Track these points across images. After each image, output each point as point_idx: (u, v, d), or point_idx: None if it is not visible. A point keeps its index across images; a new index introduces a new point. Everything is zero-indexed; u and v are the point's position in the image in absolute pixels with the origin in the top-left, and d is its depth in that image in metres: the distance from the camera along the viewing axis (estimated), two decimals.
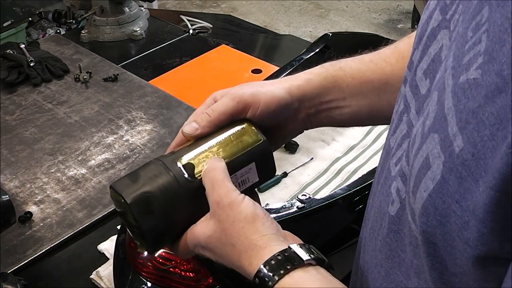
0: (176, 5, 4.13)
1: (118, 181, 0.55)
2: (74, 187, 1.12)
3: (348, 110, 0.64)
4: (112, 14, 1.69)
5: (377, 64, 0.65)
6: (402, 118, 0.48)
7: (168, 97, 1.40)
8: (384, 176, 0.50)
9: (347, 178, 1.13)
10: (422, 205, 0.36)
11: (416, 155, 0.38)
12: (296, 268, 0.48)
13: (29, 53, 1.49)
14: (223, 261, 0.52)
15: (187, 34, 1.73)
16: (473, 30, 0.35)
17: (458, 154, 0.33)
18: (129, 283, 0.83)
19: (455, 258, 0.35)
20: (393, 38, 1.99)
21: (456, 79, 0.35)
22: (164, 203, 0.53)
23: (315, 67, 0.66)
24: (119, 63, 1.57)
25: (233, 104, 0.59)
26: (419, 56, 0.46)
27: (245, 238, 0.50)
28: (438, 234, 0.35)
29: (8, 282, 0.81)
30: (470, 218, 0.32)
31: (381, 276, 0.49)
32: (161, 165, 0.56)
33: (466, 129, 0.33)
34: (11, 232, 1.00)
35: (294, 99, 0.62)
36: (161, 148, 1.22)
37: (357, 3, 4.18)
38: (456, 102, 0.34)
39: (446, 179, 0.34)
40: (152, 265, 0.80)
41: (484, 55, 0.33)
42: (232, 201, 0.52)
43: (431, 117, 0.37)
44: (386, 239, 0.48)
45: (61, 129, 1.29)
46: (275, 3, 4.17)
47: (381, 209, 0.50)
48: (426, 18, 0.46)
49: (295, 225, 0.88)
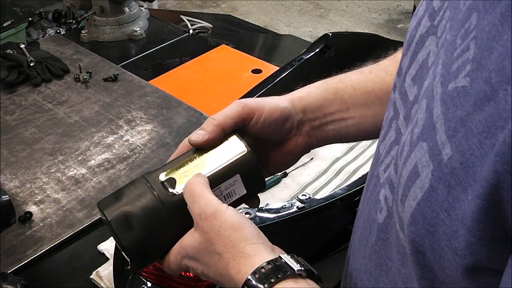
0: (176, 5, 4.14)
1: (103, 199, 0.56)
2: (74, 187, 1.12)
3: (352, 122, 0.63)
4: (112, 14, 1.69)
5: (377, 75, 0.65)
6: (391, 124, 0.48)
7: (168, 97, 1.40)
8: (373, 182, 0.50)
9: (347, 178, 1.13)
10: (410, 214, 0.36)
11: (405, 164, 0.37)
12: (287, 278, 0.46)
13: (29, 53, 1.49)
14: (210, 271, 0.51)
15: (187, 34, 1.73)
16: (462, 37, 0.35)
17: (447, 162, 0.33)
18: (129, 283, 0.83)
19: (444, 267, 0.34)
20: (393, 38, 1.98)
21: (444, 87, 0.34)
22: (145, 220, 0.54)
23: (315, 82, 0.65)
24: (119, 63, 1.57)
25: (238, 108, 0.59)
26: (408, 63, 0.46)
27: (233, 246, 0.49)
28: (427, 243, 0.35)
29: (8, 282, 0.81)
30: (458, 227, 0.32)
31: (370, 283, 0.48)
32: (144, 182, 0.56)
33: (454, 137, 0.32)
34: (11, 232, 1.00)
35: (298, 110, 0.62)
36: (161, 148, 1.22)
37: (357, 3, 4.18)
38: (445, 110, 0.34)
39: (435, 188, 0.34)
40: (152, 265, 0.80)
41: (473, 62, 0.32)
42: (216, 210, 0.51)
43: (419, 125, 0.37)
44: (375, 246, 0.47)
45: (61, 129, 1.29)
46: (275, 3, 4.17)
47: (370, 216, 0.49)
48: (415, 25, 0.46)
49: (295, 225, 0.88)
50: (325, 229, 0.95)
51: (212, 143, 0.57)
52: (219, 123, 0.58)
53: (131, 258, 0.55)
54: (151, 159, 1.19)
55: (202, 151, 0.58)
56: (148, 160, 1.19)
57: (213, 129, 0.57)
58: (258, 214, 0.85)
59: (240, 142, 0.58)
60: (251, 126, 0.60)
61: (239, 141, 0.58)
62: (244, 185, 0.57)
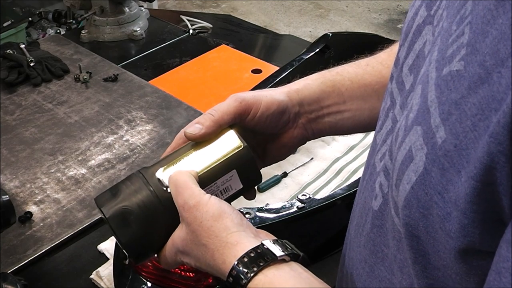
0: (176, 5, 4.14)
1: (100, 195, 0.57)
2: (74, 187, 1.12)
3: (349, 115, 0.64)
4: (112, 14, 1.69)
5: (374, 67, 0.66)
6: (388, 114, 0.48)
7: (168, 97, 1.40)
8: (369, 172, 0.50)
9: (347, 178, 1.13)
10: (405, 198, 0.36)
11: (400, 148, 0.38)
12: (270, 265, 0.47)
13: (29, 53, 1.49)
14: (201, 264, 0.51)
15: (187, 34, 1.73)
16: (457, 23, 0.35)
17: (441, 145, 0.33)
18: (129, 283, 0.83)
19: (438, 250, 0.35)
20: (393, 38, 1.99)
21: (439, 71, 0.35)
22: (142, 216, 0.54)
23: (312, 74, 0.66)
24: (119, 63, 1.57)
25: (236, 104, 0.59)
26: (405, 53, 0.46)
27: (215, 236, 0.49)
28: (421, 226, 0.35)
29: (8, 282, 0.81)
30: (452, 209, 0.32)
31: (365, 272, 0.48)
32: (141, 178, 0.56)
33: (448, 120, 0.33)
34: (11, 232, 1.00)
35: (294, 103, 0.62)
36: (161, 148, 1.22)
37: (357, 3, 4.18)
38: (439, 94, 0.34)
39: (429, 170, 0.34)
40: (152, 265, 0.80)
41: (467, 46, 0.32)
42: (198, 201, 0.51)
43: (414, 110, 0.37)
44: (370, 234, 0.47)
45: (61, 129, 1.29)
46: (275, 3, 4.17)
47: (366, 204, 0.50)
48: (412, 15, 0.46)
49: (295, 225, 0.88)
50: (325, 229, 0.95)
51: (208, 138, 0.58)
52: (217, 120, 0.58)
53: (129, 254, 0.55)
54: (151, 159, 1.19)
55: (198, 145, 0.58)
56: (148, 160, 1.19)
57: (210, 125, 0.58)
58: (258, 214, 0.85)
59: (236, 137, 0.58)
60: (248, 120, 0.60)
61: (235, 136, 0.58)
62: (241, 180, 0.58)
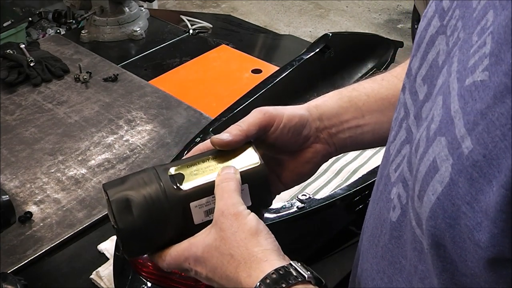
0: (176, 5, 4.14)
1: (110, 181, 0.57)
2: (74, 187, 1.12)
3: (368, 128, 0.65)
4: (112, 14, 1.69)
5: (389, 81, 0.67)
6: (401, 124, 0.48)
7: (168, 97, 1.40)
8: (383, 182, 0.50)
9: (347, 178, 1.13)
10: (430, 209, 0.36)
11: (422, 159, 0.37)
12: (298, 284, 0.47)
13: (29, 53, 1.49)
14: (216, 274, 0.51)
15: (187, 34, 1.73)
16: (478, 34, 0.35)
17: (468, 155, 0.33)
18: (129, 283, 0.83)
19: (466, 260, 0.34)
20: (393, 38, 1.99)
21: (461, 82, 0.35)
22: (145, 207, 0.54)
23: (329, 92, 0.67)
24: (119, 63, 1.57)
25: (260, 115, 0.60)
26: (418, 63, 0.46)
27: (246, 249, 0.50)
28: (448, 237, 0.35)
29: (8, 282, 0.81)
30: (482, 219, 0.32)
31: (384, 283, 0.49)
32: (153, 172, 0.57)
33: (474, 130, 0.32)
34: (11, 232, 1.00)
35: (314, 117, 0.63)
36: (161, 148, 1.22)
37: (357, 3, 4.18)
38: (463, 104, 0.34)
39: (456, 181, 0.34)
40: (152, 265, 0.80)
41: (490, 57, 0.32)
42: (238, 212, 0.52)
43: (436, 121, 0.37)
44: (388, 245, 0.47)
45: (61, 129, 1.29)
46: (275, 3, 4.17)
47: (381, 215, 0.49)
48: (425, 26, 0.46)
49: (295, 225, 0.88)
50: (325, 229, 0.95)
51: (234, 146, 0.58)
52: (244, 130, 0.59)
53: (123, 243, 0.55)
54: (151, 159, 1.19)
55: (217, 154, 0.58)
56: (148, 160, 1.19)
57: (238, 133, 0.58)
58: None
59: (255, 153, 0.59)
60: (271, 133, 0.61)
61: (254, 153, 0.59)
62: (251, 196, 0.57)
